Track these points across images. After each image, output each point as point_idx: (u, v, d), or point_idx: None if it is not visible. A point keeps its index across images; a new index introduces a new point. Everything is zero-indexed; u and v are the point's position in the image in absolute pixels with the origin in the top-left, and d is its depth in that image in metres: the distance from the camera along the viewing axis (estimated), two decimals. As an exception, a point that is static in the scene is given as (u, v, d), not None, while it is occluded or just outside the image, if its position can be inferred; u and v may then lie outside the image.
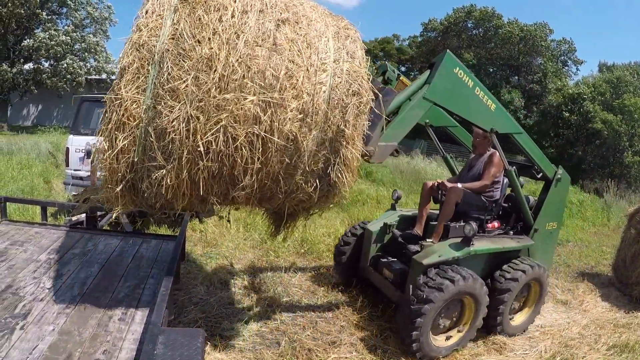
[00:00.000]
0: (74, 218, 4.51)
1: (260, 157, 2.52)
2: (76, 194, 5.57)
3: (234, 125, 2.41)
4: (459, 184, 4.32)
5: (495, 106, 3.95)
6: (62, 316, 2.44)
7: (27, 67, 20.97)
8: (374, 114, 2.98)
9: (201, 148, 2.38)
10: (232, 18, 2.46)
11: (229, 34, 2.43)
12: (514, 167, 4.38)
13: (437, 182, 4.52)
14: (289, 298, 4.73)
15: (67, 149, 6.39)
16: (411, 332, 3.61)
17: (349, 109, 2.69)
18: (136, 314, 2.57)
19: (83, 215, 4.41)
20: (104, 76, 23.27)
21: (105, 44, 23.90)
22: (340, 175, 2.82)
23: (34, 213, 6.12)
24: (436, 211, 4.58)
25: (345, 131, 2.71)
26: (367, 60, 2.91)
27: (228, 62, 2.39)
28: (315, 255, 6.09)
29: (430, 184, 4.58)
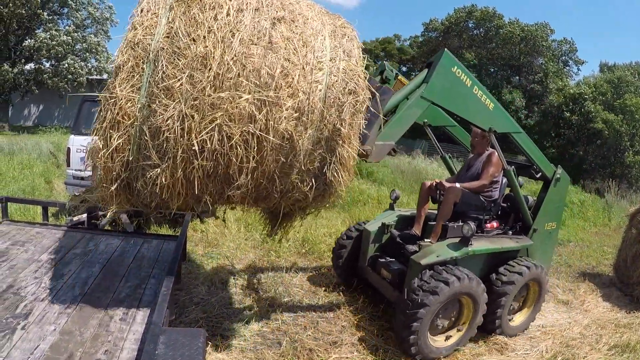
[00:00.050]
0: (75, 218, 4.51)
1: (255, 156, 2.50)
2: (77, 195, 5.57)
3: (229, 123, 2.39)
4: (457, 184, 4.31)
5: (493, 105, 3.93)
6: (64, 316, 2.44)
7: (28, 68, 20.99)
8: (371, 113, 2.96)
9: (196, 147, 2.36)
10: (228, 16, 2.45)
11: (224, 32, 2.41)
12: (513, 167, 4.36)
13: (436, 182, 4.50)
14: (290, 298, 4.73)
15: (69, 149, 6.39)
16: (409, 336, 3.60)
17: (345, 108, 2.67)
18: (137, 314, 2.57)
19: (84, 215, 4.41)
20: (105, 76, 23.25)
21: (106, 44, 23.97)
22: (336, 174, 2.79)
23: (35, 213, 6.13)
24: (435, 211, 4.57)
25: (341, 130, 2.68)
26: (365, 59, 2.89)
27: (223, 61, 2.38)
28: (316, 255, 6.09)
29: (428, 184, 4.56)
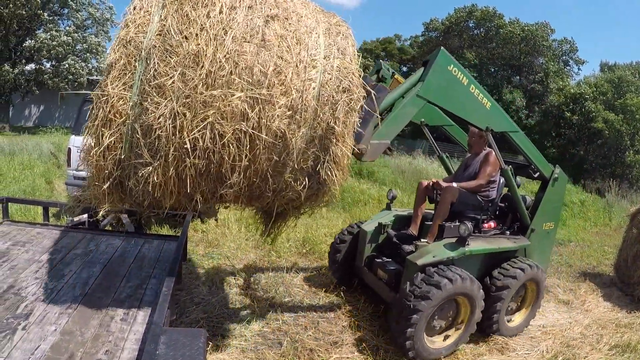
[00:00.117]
0: (76, 218, 4.51)
1: (247, 155, 2.48)
2: (74, 195, 5.56)
3: (221, 122, 2.38)
4: (455, 184, 4.29)
5: (490, 104, 3.90)
6: (64, 316, 2.44)
7: (29, 68, 20.98)
8: (366, 112, 2.93)
9: (188, 145, 2.35)
10: (220, 14, 2.43)
11: (217, 30, 2.39)
12: (510, 167, 4.33)
13: (433, 182, 4.47)
14: (291, 298, 4.73)
15: (69, 149, 6.40)
16: (404, 338, 3.59)
17: (339, 106, 2.65)
18: (138, 314, 2.57)
19: (85, 215, 4.41)
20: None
21: (106, 45, 23.95)
22: (330, 173, 2.76)
23: (36, 213, 6.14)
24: (432, 211, 4.55)
25: (335, 128, 2.66)
26: (360, 57, 2.86)
27: (215, 58, 2.36)
28: (317, 255, 6.09)
29: (425, 184, 4.54)
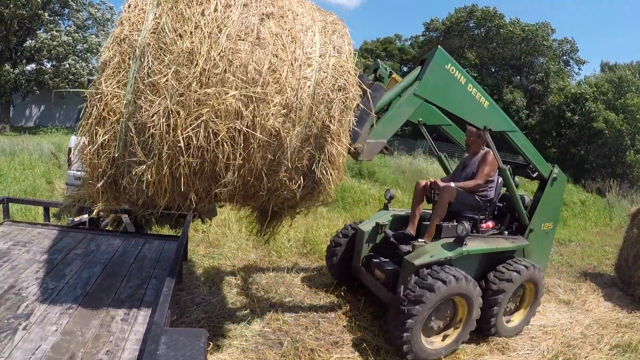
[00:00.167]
0: (77, 219, 4.51)
1: (242, 153, 2.47)
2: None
3: (215, 120, 2.37)
4: (452, 183, 4.28)
5: (488, 103, 3.88)
6: (65, 316, 2.45)
7: (29, 68, 20.99)
8: (362, 111, 2.92)
9: (182, 143, 2.34)
10: (215, 12, 2.42)
11: (211, 28, 2.38)
12: (508, 166, 4.31)
13: (430, 181, 4.46)
14: (291, 298, 4.74)
15: (70, 150, 6.41)
16: (402, 342, 3.57)
17: (335, 105, 2.63)
18: (139, 314, 2.57)
19: (85, 215, 4.42)
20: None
21: (107, 45, 23.90)
22: (325, 172, 2.74)
23: (37, 214, 6.14)
24: (430, 211, 4.53)
25: (330, 127, 2.64)
26: (360, 57, 2.85)
27: (210, 56, 2.35)
28: (317, 255, 6.09)
29: (423, 183, 4.52)
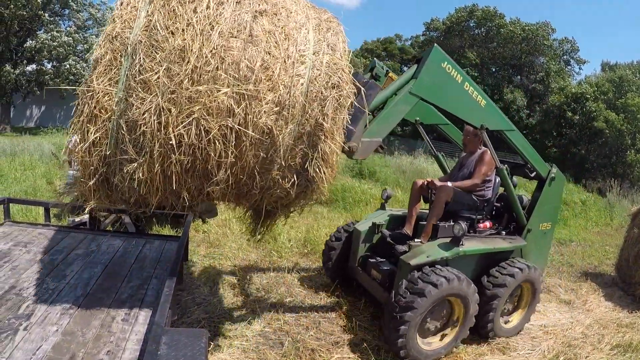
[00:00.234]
0: (77, 219, 4.52)
1: (234, 151, 2.46)
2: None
3: (207, 117, 2.35)
4: (449, 183, 4.26)
5: (485, 102, 3.85)
6: (66, 317, 2.45)
7: (30, 69, 21.00)
8: (357, 109, 2.90)
9: (173, 141, 2.32)
10: (208, 9, 2.41)
11: (204, 25, 2.37)
12: (506, 166, 4.28)
13: (427, 181, 4.44)
14: (292, 298, 4.74)
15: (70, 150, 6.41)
16: (399, 350, 3.57)
17: (328, 102, 2.61)
18: (139, 315, 2.57)
19: (86, 216, 4.42)
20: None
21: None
22: (318, 170, 2.72)
23: (37, 214, 6.14)
24: (427, 211, 4.49)
25: (323, 125, 2.62)
26: (350, 53, 2.82)
27: (201, 54, 2.34)
28: (318, 255, 6.08)
29: (420, 183, 4.50)
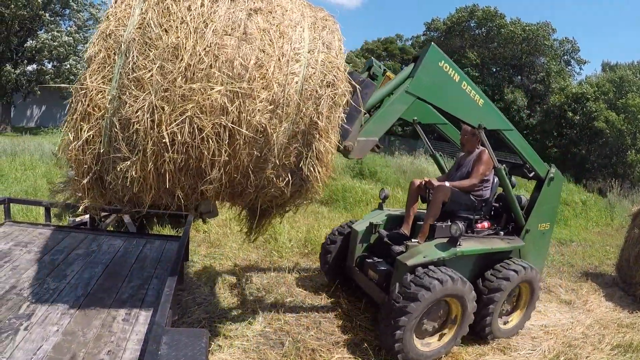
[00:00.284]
0: (78, 219, 4.52)
1: (227, 150, 2.44)
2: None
3: (200, 115, 2.34)
4: (447, 183, 4.25)
5: (483, 101, 3.84)
6: (66, 317, 2.45)
7: (30, 69, 21.01)
8: (353, 108, 2.89)
9: (166, 139, 2.31)
10: (202, 7, 2.40)
11: (197, 23, 2.37)
12: (504, 166, 4.26)
13: (425, 181, 4.42)
14: (293, 298, 4.74)
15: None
16: (397, 355, 3.55)
17: (323, 101, 2.59)
18: (140, 315, 2.57)
19: (87, 216, 4.42)
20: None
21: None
22: (312, 169, 2.71)
23: (38, 214, 6.14)
24: (425, 211, 4.45)
25: (318, 123, 2.60)
26: (345, 51, 2.80)
27: (195, 51, 2.32)
28: (318, 255, 6.07)
29: (417, 183, 4.48)
